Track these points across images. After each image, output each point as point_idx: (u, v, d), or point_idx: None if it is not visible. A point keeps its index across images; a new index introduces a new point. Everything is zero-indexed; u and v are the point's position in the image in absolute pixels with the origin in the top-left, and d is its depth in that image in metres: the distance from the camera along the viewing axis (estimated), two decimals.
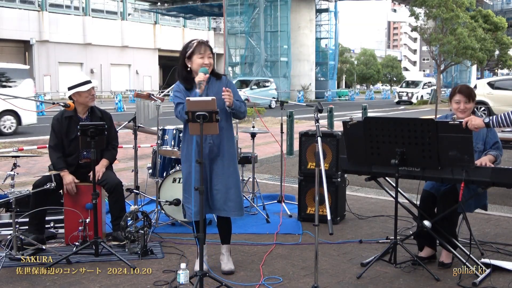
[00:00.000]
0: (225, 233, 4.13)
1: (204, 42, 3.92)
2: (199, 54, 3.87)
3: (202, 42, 3.91)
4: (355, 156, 4.15)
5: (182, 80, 3.95)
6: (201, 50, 3.87)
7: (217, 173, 3.91)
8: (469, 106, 4.18)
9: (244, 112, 3.99)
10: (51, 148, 4.73)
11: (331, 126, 12.04)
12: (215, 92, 3.85)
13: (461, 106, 4.17)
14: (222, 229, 4.12)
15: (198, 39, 3.95)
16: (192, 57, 3.88)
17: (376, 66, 67.81)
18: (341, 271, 4.10)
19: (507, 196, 6.62)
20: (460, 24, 28.87)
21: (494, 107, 18.32)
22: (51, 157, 4.72)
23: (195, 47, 3.87)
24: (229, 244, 4.16)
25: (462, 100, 4.17)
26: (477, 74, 49.39)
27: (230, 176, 3.94)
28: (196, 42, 3.90)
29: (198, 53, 3.87)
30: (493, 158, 4.06)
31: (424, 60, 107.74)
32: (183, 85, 3.94)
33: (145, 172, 5.86)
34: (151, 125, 5.73)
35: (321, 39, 46.30)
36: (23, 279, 3.90)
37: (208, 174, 3.90)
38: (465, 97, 4.16)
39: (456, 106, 4.19)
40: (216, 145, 3.90)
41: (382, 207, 6.19)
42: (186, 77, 3.94)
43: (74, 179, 4.62)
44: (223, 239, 4.13)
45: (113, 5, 49.32)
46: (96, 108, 4.87)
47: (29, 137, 13.93)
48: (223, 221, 4.09)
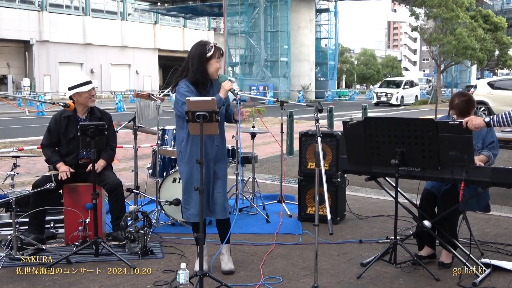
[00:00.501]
0: (225, 233, 4.13)
1: (219, 48, 3.95)
2: (217, 59, 3.91)
3: (218, 47, 3.94)
4: (355, 156, 4.15)
5: (196, 82, 3.89)
6: (217, 54, 3.91)
7: (219, 176, 3.95)
8: (466, 118, 4.13)
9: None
10: (44, 146, 4.78)
11: (331, 126, 12.04)
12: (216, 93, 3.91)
13: (458, 119, 4.12)
14: (222, 229, 4.13)
15: (211, 42, 3.96)
16: (210, 61, 3.89)
17: (376, 66, 67.77)
18: (341, 271, 4.10)
19: (507, 196, 6.62)
20: (460, 24, 28.87)
21: (494, 107, 18.32)
22: (45, 153, 4.75)
23: (214, 51, 3.89)
24: (229, 244, 4.17)
25: (458, 117, 4.12)
26: (477, 74, 49.40)
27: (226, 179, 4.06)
28: (213, 45, 3.92)
29: (216, 58, 3.91)
30: (485, 158, 4.05)
31: (424, 60, 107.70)
32: (194, 87, 3.88)
33: (145, 172, 5.86)
34: (151, 125, 5.73)
35: (321, 39, 46.28)
36: (23, 279, 3.90)
37: (212, 177, 3.94)
38: (459, 115, 4.09)
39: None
40: (220, 148, 3.96)
41: (382, 207, 6.18)
42: (204, 80, 3.91)
43: (69, 169, 4.63)
44: (223, 239, 4.14)
45: (113, 5, 49.34)
46: (96, 108, 4.87)
47: (29, 137, 13.92)
48: (223, 222, 4.10)
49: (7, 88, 41.06)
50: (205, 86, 3.94)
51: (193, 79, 3.88)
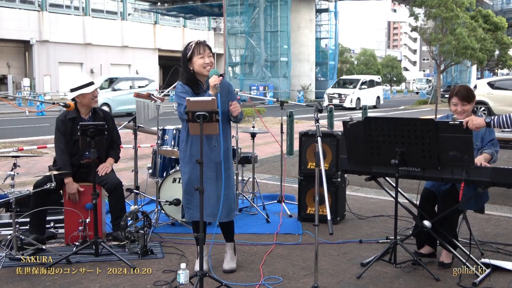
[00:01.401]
0: (228, 231, 4.15)
1: (202, 42, 3.93)
2: (198, 55, 3.88)
3: (199, 43, 3.92)
4: (355, 156, 4.15)
5: (189, 83, 3.93)
6: (200, 50, 3.88)
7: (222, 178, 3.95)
8: (466, 108, 4.18)
9: (242, 117, 4.12)
10: (60, 150, 4.69)
11: (331, 126, 12.04)
12: (222, 93, 3.86)
13: (458, 109, 4.18)
14: (224, 228, 4.15)
15: (196, 40, 3.96)
16: (193, 59, 3.89)
17: (376, 66, 67.76)
18: (341, 271, 4.10)
19: (507, 196, 6.62)
20: (460, 24, 28.87)
21: (494, 107, 18.33)
22: (59, 159, 4.68)
23: (193, 48, 3.88)
24: (232, 242, 4.18)
25: (459, 103, 4.18)
26: (477, 74, 49.37)
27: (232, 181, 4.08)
28: (194, 43, 3.91)
29: (198, 54, 3.88)
30: (488, 156, 4.06)
31: (424, 60, 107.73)
32: (189, 88, 3.91)
33: (145, 172, 5.86)
34: (151, 125, 5.73)
35: (321, 39, 46.28)
36: (23, 279, 3.90)
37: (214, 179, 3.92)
38: (461, 100, 4.16)
39: (454, 108, 4.21)
40: (224, 149, 3.93)
41: (382, 207, 6.18)
42: (192, 80, 3.93)
43: (78, 188, 4.61)
44: (226, 238, 4.16)
45: (113, 5, 49.32)
46: (98, 109, 4.89)
47: (29, 137, 13.93)
48: (226, 222, 4.10)
49: (7, 88, 41.04)
50: (199, 86, 3.94)
51: (185, 80, 3.95)
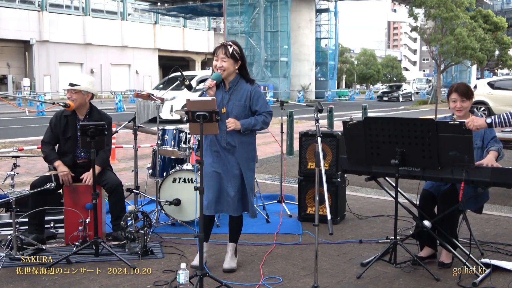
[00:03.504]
0: (236, 230, 4.19)
1: (220, 45, 4.01)
2: (215, 57, 4.01)
3: (218, 46, 4.02)
4: (355, 156, 4.15)
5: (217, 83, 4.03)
6: (216, 53, 3.99)
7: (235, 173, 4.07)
8: (465, 105, 4.19)
9: (261, 127, 4.13)
10: (44, 143, 4.77)
11: (331, 126, 12.03)
12: (239, 97, 3.99)
13: (457, 105, 4.19)
14: (231, 226, 4.19)
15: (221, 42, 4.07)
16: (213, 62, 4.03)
17: (376, 66, 67.83)
18: (341, 271, 4.10)
19: (507, 196, 6.62)
20: (460, 24, 28.87)
21: (494, 107, 18.34)
22: (44, 150, 4.75)
23: (214, 50, 4.03)
24: (235, 243, 4.19)
25: (458, 99, 4.19)
26: (477, 74, 49.40)
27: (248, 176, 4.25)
28: (218, 44, 4.04)
29: (215, 56, 4.00)
30: (496, 153, 4.08)
31: (424, 60, 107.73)
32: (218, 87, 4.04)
33: (145, 172, 5.86)
34: (151, 125, 5.73)
35: (321, 39, 46.32)
36: (23, 279, 3.90)
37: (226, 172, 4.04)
38: (460, 96, 4.19)
39: (453, 104, 4.22)
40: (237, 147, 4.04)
41: (382, 207, 6.18)
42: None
43: (69, 171, 4.62)
44: (231, 237, 4.19)
45: (113, 5, 49.35)
46: (96, 110, 4.85)
47: (29, 137, 13.92)
48: (234, 219, 4.16)
49: (7, 88, 41.07)
50: (221, 85, 4.04)
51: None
